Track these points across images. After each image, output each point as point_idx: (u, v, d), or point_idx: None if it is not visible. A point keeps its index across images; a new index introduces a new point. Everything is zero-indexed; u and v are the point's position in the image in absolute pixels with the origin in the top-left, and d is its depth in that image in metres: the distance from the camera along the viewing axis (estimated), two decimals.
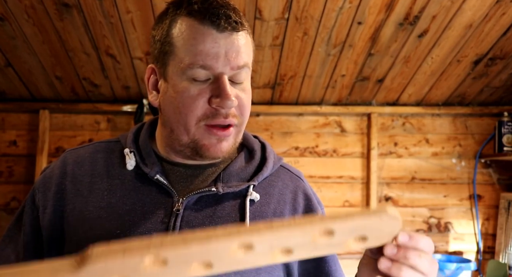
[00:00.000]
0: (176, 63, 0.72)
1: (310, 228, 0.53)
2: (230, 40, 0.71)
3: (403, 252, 0.57)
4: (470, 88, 2.34)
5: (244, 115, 0.76)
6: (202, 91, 0.71)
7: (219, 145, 0.74)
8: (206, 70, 0.71)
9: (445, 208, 2.46)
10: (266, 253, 0.53)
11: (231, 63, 0.71)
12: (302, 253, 0.54)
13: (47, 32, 1.90)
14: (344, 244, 0.55)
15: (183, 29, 0.72)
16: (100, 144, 0.85)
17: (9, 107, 2.38)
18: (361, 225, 0.54)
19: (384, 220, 0.55)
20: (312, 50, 2.03)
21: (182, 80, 0.72)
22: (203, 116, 0.72)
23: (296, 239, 0.53)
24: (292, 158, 2.45)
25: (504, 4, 1.76)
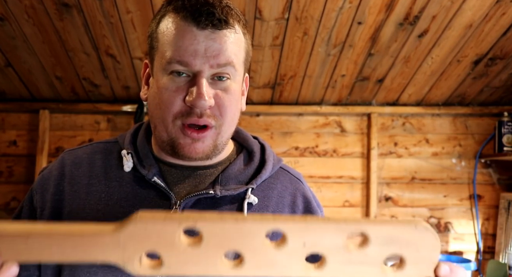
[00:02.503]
0: (159, 58, 0.73)
1: (344, 225, 0.52)
2: (211, 38, 0.70)
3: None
4: (470, 88, 2.34)
5: (224, 117, 0.73)
6: (179, 88, 0.71)
7: (193, 146, 0.72)
8: (184, 67, 0.70)
9: (445, 208, 2.46)
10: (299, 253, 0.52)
11: (210, 61, 0.70)
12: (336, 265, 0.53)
13: (47, 32, 1.90)
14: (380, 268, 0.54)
15: (168, 25, 0.72)
16: (98, 144, 0.85)
17: (9, 107, 2.38)
18: (395, 234, 0.53)
19: (419, 230, 0.54)
20: (312, 50, 2.03)
21: (163, 76, 0.72)
22: (178, 114, 0.71)
23: (329, 237, 0.52)
24: (292, 158, 2.45)
25: (504, 4, 1.76)
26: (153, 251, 0.51)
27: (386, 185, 2.46)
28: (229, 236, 0.51)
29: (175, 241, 0.51)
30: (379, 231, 0.53)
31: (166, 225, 0.50)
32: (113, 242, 0.51)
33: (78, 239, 0.50)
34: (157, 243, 0.51)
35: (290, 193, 0.83)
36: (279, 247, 0.52)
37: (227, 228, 0.51)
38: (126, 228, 0.50)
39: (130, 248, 0.51)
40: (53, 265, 0.75)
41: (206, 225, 0.51)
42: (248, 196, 0.77)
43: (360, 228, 0.53)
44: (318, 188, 2.44)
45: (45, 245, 0.50)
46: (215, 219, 0.51)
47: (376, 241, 0.53)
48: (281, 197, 0.81)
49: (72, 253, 0.50)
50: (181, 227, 0.51)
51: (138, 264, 0.52)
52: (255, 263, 0.52)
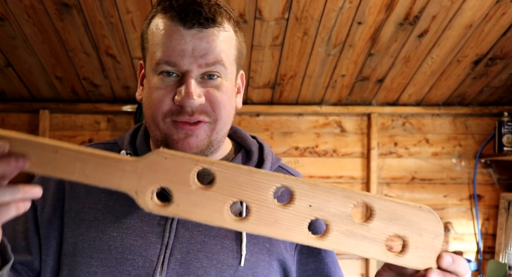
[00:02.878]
0: (149, 59, 0.73)
1: (351, 193, 0.53)
2: (199, 37, 0.70)
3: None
4: (470, 88, 2.34)
5: (217, 112, 0.73)
6: (168, 88, 0.71)
7: (187, 140, 0.72)
8: (172, 67, 0.70)
9: (445, 208, 2.46)
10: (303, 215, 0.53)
11: (198, 61, 0.70)
12: (338, 236, 0.54)
13: (47, 32, 1.90)
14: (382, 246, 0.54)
15: (156, 26, 0.72)
16: (98, 145, 0.85)
17: (9, 107, 2.38)
18: (399, 211, 0.54)
19: (424, 212, 0.54)
20: (312, 50, 2.03)
21: (154, 76, 0.72)
22: (168, 112, 0.71)
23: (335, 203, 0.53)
24: (292, 158, 2.45)
25: (504, 4, 1.76)
26: (167, 186, 0.54)
27: (386, 185, 2.46)
28: (241, 184, 0.53)
29: (189, 179, 0.53)
30: (384, 205, 0.54)
31: (184, 161, 0.53)
32: (132, 169, 0.53)
33: (101, 160, 0.54)
34: (172, 178, 0.53)
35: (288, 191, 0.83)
36: (285, 206, 0.54)
37: (239, 174, 0.53)
38: (147, 157, 0.53)
39: (146, 178, 0.54)
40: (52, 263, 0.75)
41: (220, 168, 0.53)
42: None
43: (366, 199, 0.54)
44: None
45: (71, 160, 0.53)
46: (230, 165, 0.53)
47: (380, 215, 0.54)
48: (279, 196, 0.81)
49: (92, 173, 0.53)
50: (197, 166, 0.53)
51: (149, 197, 0.54)
52: (259, 219, 0.54)
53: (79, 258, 0.72)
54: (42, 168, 0.53)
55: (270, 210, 0.53)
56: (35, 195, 0.55)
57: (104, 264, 0.71)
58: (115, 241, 0.72)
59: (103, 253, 0.71)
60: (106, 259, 0.71)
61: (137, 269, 0.70)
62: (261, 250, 0.75)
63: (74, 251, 0.73)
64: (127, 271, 0.70)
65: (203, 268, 0.71)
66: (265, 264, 0.75)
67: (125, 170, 0.53)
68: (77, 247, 0.73)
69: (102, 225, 0.73)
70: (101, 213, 0.75)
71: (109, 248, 0.72)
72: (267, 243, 0.76)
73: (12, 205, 0.53)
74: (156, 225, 0.73)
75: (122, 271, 0.70)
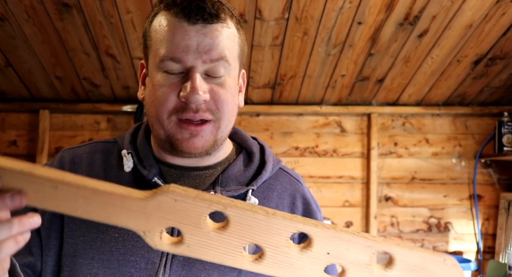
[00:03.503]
0: (153, 56, 0.72)
1: (373, 243, 0.50)
2: (203, 33, 0.69)
3: None
4: (470, 88, 2.34)
5: (221, 110, 0.72)
6: (173, 85, 0.70)
7: (191, 141, 0.71)
8: (177, 63, 0.70)
9: (445, 208, 2.46)
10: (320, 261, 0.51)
11: (202, 57, 0.69)
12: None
13: (47, 32, 1.90)
14: None
15: (160, 23, 0.72)
16: (97, 144, 0.84)
17: (9, 107, 2.38)
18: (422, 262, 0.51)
19: (447, 266, 0.52)
20: (312, 50, 2.03)
21: (157, 74, 0.71)
22: (173, 110, 0.71)
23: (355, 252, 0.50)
24: (292, 158, 2.45)
25: (504, 4, 1.76)
26: (177, 227, 0.50)
27: (386, 185, 2.46)
28: (256, 228, 0.50)
29: (201, 222, 0.50)
30: (407, 256, 0.51)
31: (196, 204, 0.49)
32: (139, 209, 0.49)
33: (106, 197, 0.49)
34: (182, 220, 0.50)
35: (289, 194, 0.82)
36: (302, 251, 0.51)
37: (255, 219, 0.50)
38: (156, 198, 0.49)
39: (155, 219, 0.50)
40: (52, 264, 0.75)
41: (235, 212, 0.50)
42: (249, 198, 0.76)
43: (389, 249, 0.51)
44: (318, 188, 2.44)
45: (73, 195, 0.49)
46: (246, 208, 0.50)
47: (401, 266, 0.51)
48: (280, 198, 0.81)
49: (97, 210, 0.49)
50: (210, 209, 0.49)
51: (158, 237, 0.51)
52: (274, 262, 0.51)
53: (79, 259, 0.72)
54: (41, 203, 0.49)
55: (286, 255, 0.51)
56: (33, 226, 0.52)
57: (106, 266, 0.70)
58: (117, 242, 0.71)
59: (105, 254, 0.71)
60: (107, 260, 0.71)
61: (139, 271, 0.70)
62: None
63: (75, 252, 0.73)
64: (129, 273, 0.70)
65: (206, 271, 0.71)
66: None
67: (132, 210, 0.49)
68: (77, 248, 0.73)
69: (103, 226, 0.73)
70: None
71: (110, 249, 0.71)
72: None
73: (11, 240, 0.50)
74: None
75: (124, 273, 0.70)
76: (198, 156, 0.74)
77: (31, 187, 0.48)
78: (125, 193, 0.50)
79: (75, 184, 0.49)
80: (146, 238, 0.51)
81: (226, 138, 0.78)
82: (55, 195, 0.48)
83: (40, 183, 0.48)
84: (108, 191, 0.49)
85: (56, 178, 0.48)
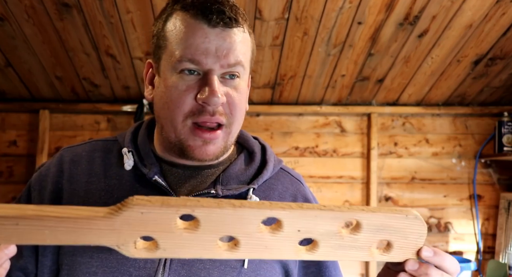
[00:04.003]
0: (168, 57, 0.72)
1: (340, 214, 0.53)
2: (222, 36, 0.69)
3: (424, 268, 0.56)
4: (470, 88, 2.34)
5: (234, 115, 0.73)
6: (190, 87, 0.70)
7: (204, 148, 0.72)
8: (195, 65, 0.69)
9: (445, 208, 2.46)
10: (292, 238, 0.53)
11: (221, 60, 0.69)
12: (327, 249, 0.54)
13: (47, 32, 1.90)
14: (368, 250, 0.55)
15: (176, 23, 0.71)
16: (97, 142, 0.84)
17: (9, 107, 2.38)
18: (387, 222, 0.55)
19: (410, 219, 0.56)
20: (312, 50, 2.03)
21: (172, 75, 0.71)
22: (189, 113, 0.70)
23: (324, 224, 0.53)
24: (292, 158, 2.45)
25: (504, 4, 1.76)
26: (149, 235, 0.51)
27: (386, 185, 2.46)
28: (226, 222, 0.51)
29: (171, 227, 0.51)
30: (372, 219, 0.54)
31: (163, 212, 0.50)
32: (108, 227, 0.50)
33: (71, 223, 0.49)
34: (153, 229, 0.50)
35: (290, 194, 0.83)
36: (274, 232, 0.53)
37: (224, 215, 0.51)
38: (121, 214, 0.49)
39: (125, 233, 0.50)
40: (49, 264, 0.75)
41: (203, 212, 0.51)
42: (250, 196, 0.77)
43: (354, 216, 0.54)
44: (318, 188, 2.44)
45: (37, 228, 0.48)
46: (213, 206, 0.51)
47: (368, 228, 0.55)
48: (281, 198, 0.81)
49: (65, 237, 0.49)
50: (178, 213, 0.50)
51: (133, 247, 0.51)
52: (249, 247, 0.53)
53: (79, 258, 0.72)
54: (6, 240, 0.49)
55: (259, 239, 0.53)
56: (10, 255, 0.53)
57: (105, 264, 0.70)
58: None
59: (104, 253, 0.71)
60: (106, 259, 0.70)
61: (138, 270, 0.70)
62: None
63: (74, 251, 0.72)
64: (128, 272, 0.70)
65: (206, 270, 0.71)
66: (268, 266, 0.75)
67: (100, 229, 0.49)
68: (76, 247, 0.72)
69: None
70: None
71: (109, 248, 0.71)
72: None
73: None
74: None
75: (123, 271, 0.70)
76: (208, 162, 0.75)
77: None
78: (90, 215, 0.49)
79: (36, 217, 0.48)
80: (121, 251, 0.51)
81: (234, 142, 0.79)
82: (18, 231, 0.48)
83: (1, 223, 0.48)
84: (71, 216, 0.49)
85: (14, 215, 0.48)
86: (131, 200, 0.50)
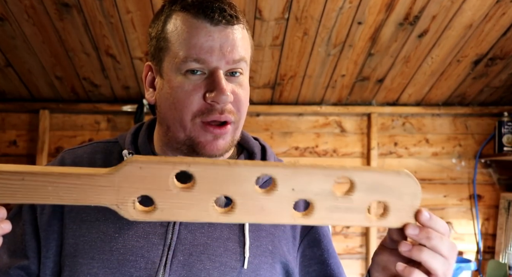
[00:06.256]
0: (171, 58, 0.71)
1: (331, 171, 0.54)
2: (225, 34, 0.70)
3: (425, 232, 0.56)
4: (470, 88, 2.34)
5: (241, 111, 0.74)
6: (197, 86, 0.70)
7: (215, 143, 0.72)
8: (200, 64, 0.69)
9: (445, 208, 2.46)
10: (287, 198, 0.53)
11: (226, 57, 0.70)
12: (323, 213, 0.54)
13: (47, 32, 1.90)
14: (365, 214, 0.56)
15: (177, 24, 0.71)
16: (98, 144, 0.84)
17: (9, 107, 2.38)
18: (379, 179, 0.55)
19: (402, 177, 0.56)
20: (312, 50, 2.03)
21: (177, 76, 0.71)
22: (198, 112, 0.71)
23: (317, 182, 0.53)
24: (292, 158, 2.45)
25: (504, 4, 1.76)
26: (147, 194, 0.52)
27: None
28: (221, 179, 0.52)
29: (169, 184, 0.52)
30: (364, 176, 0.54)
31: (160, 167, 0.51)
32: (108, 184, 0.51)
33: (73, 180, 0.51)
34: (151, 186, 0.52)
35: None
36: (269, 193, 0.54)
37: (219, 171, 0.52)
38: (121, 170, 0.51)
39: (124, 190, 0.52)
40: (51, 265, 0.75)
41: (199, 168, 0.52)
42: None
43: (346, 174, 0.54)
44: None
45: (41, 184, 0.50)
46: (208, 163, 0.52)
47: (361, 187, 0.55)
48: None
49: (67, 194, 0.51)
50: (175, 169, 0.52)
51: (132, 207, 0.52)
52: (245, 210, 0.53)
53: (80, 259, 0.72)
54: (12, 197, 0.51)
55: (254, 199, 0.53)
56: (4, 231, 0.54)
57: (106, 265, 0.70)
58: (117, 242, 0.71)
59: (105, 254, 0.71)
60: (107, 260, 0.71)
61: (139, 271, 0.70)
62: (264, 253, 0.75)
63: (75, 252, 0.72)
64: (129, 273, 0.70)
65: (206, 270, 0.71)
66: (268, 266, 0.75)
67: (101, 186, 0.51)
68: (78, 248, 0.72)
69: (104, 226, 0.73)
70: (102, 214, 0.74)
71: (110, 249, 0.71)
72: (270, 245, 0.76)
73: None
74: (158, 226, 0.73)
75: (123, 272, 0.70)
76: (217, 157, 0.75)
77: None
78: (92, 172, 0.52)
79: (41, 172, 0.51)
80: (120, 211, 0.53)
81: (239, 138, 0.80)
82: (23, 187, 0.50)
83: (6, 178, 0.50)
84: (74, 173, 0.51)
85: (21, 171, 0.50)
86: (131, 158, 0.51)
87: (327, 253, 0.82)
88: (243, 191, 0.53)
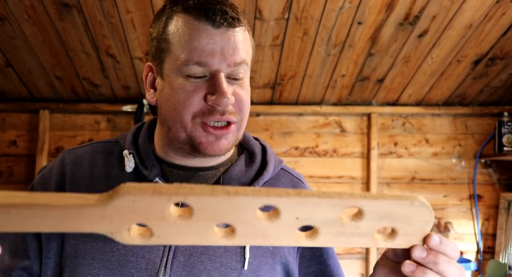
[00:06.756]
0: (172, 60, 0.71)
1: (339, 201, 0.51)
2: (226, 36, 0.70)
3: (433, 256, 0.54)
4: (470, 88, 2.34)
5: (243, 112, 0.74)
6: (197, 88, 0.70)
7: (217, 143, 0.72)
8: (201, 67, 0.69)
9: (445, 208, 2.46)
10: (291, 226, 0.51)
11: (227, 60, 0.70)
12: (327, 237, 0.52)
13: (47, 32, 1.90)
14: (371, 237, 0.53)
15: (178, 26, 0.71)
16: (98, 144, 0.84)
17: (9, 107, 2.38)
18: (390, 209, 0.52)
19: (415, 207, 0.53)
20: (312, 50, 2.03)
21: (178, 77, 0.71)
22: (199, 112, 0.71)
23: (323, 212, 0.51)
24: (292, 158, 2.45)
25: (504, 4, 1.76)
26: (142, 223, 0.50)
27: (386, 185, 2.46)
28: (220, 209, 0.50)
29: (164, 215, 0.49)
30: (374, 206, 0.52)
31: (155, 199, 0.48)
32: (99, 215, 0.49)
33: (62, 211, 0.48)
34: (145, 217, 0.49)
35: None
36: (272, 220, 0.51)
37: (218, 202, 0.49)
38: (112, 202, 0.48)
39: (118, 221, 0.49)
40: (53, 266, 0.75)
41: (196, 200, 0.49)
42: None
43: (356, 203, 0.52)
44: (318, 188, 2.44)
45: (28, 216, 0.48)
46: (206, 193, 0.49)
47: (370, 216, 0.52)
48: None
49: (57, 224, 0.49)
50: (170, 202, 0.49)
51: (127, 234, 0.50)
52: (246, 234, 0.51)
53: (80, 260, 0.72)
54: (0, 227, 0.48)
55: (256, 226, 0.51)
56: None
57: (106, 266, 0.70)
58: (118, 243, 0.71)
59: (105, 254, 0.71)
60: (108, 261, 0.71)
61: (140, 271, 0.70)
62: (264, 253, 0.75)
63: (76, 253, 0.73)
64: (130, 273, 0.70)
65: (207, 271, 0.71)
66: (268, 267, 0.75)
67: (93, 216, 0.48)
68: (78, 249, 0.72)
69: None
70: None
71: (111, 250, 0.71)
72: (270, 246, 0.76)
73: None
74: None
75: (124, 273, 0.70)
76: (220, 156, 0.76)
77: None
78: (80, 203, 0.48)
79: (27, 205, 0.47)
80: (115, 238, 0.50)
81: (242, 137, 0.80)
82: (10, 219, 0.48)
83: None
84: (61, 204, 0.48)
85: (5, 203, 0.47)
86: (122, 188, 0.48)
87: (326, 254, 0.82)
88: (244, 219, 0.51)
